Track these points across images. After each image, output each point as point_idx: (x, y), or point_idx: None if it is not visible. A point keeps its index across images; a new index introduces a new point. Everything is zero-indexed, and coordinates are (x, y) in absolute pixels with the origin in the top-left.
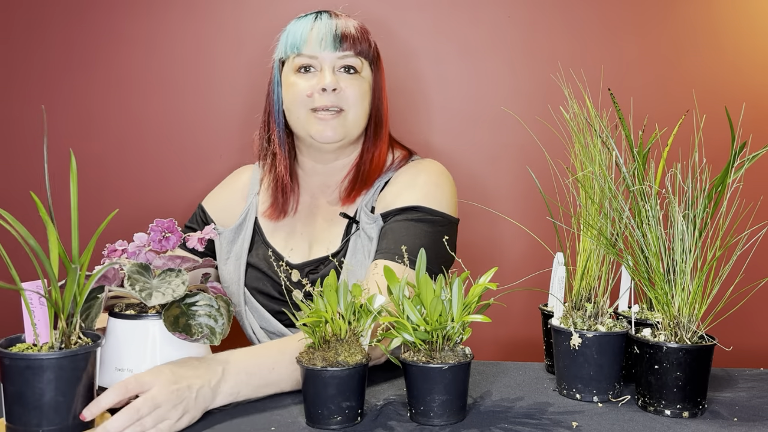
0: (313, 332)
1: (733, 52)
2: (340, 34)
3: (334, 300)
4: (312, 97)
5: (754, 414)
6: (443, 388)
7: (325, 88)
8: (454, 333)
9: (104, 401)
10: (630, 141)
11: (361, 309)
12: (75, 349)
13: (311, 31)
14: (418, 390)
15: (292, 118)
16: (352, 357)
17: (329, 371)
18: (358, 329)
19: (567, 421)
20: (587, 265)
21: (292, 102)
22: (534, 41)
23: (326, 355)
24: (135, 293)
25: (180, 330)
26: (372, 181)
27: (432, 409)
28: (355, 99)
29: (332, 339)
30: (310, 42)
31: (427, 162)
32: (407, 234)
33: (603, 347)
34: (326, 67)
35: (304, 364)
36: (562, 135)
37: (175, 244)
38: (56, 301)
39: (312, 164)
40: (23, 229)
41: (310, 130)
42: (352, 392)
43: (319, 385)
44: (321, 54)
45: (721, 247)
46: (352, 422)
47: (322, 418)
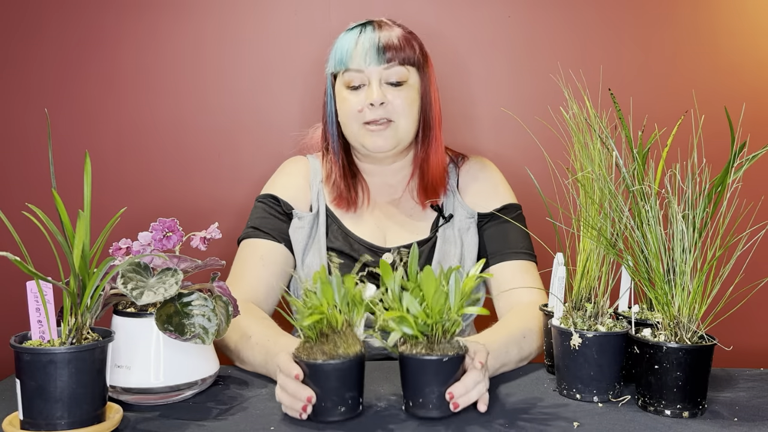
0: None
1: (732, 53)
2: (383, 47)
3: (329, 293)
4: (362, 112)
5: (754, 414)
6: (442, 380)
7: (372, 103)
8: (451, 325)
9: (470, 381)
10: (630, 141)
11: (354, 300)
12: (94, 343)
13: (356, 46)
14: (416, 382)
15: (347, 132)
16: (351, 348)
17: (331, 364)
18: (353, 320)
19: (567, 421)
20: (587, 265)
21: (345, 116)
22: (534, 41)
23: (325, 348)
24: (126, 291)
25: (172, 329)
26: (439, 181)
27: (431, 401)
28: (403, 109)
29: (329, 332)
30: (356, 57)
31: (482, 158)
32: (517, 232)
33: (603, 347)
34: (373, 80)
35: (304, 359)
36: (561, 135)
37: (176, 243)
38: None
39: (371, 167)
40: (52, 225)
41: (363, 143)
42: (354, 383)
43: (322, 378)
44: (366, 69)
45: (721, 247)
46: (354, 412)
47: (326, 411)
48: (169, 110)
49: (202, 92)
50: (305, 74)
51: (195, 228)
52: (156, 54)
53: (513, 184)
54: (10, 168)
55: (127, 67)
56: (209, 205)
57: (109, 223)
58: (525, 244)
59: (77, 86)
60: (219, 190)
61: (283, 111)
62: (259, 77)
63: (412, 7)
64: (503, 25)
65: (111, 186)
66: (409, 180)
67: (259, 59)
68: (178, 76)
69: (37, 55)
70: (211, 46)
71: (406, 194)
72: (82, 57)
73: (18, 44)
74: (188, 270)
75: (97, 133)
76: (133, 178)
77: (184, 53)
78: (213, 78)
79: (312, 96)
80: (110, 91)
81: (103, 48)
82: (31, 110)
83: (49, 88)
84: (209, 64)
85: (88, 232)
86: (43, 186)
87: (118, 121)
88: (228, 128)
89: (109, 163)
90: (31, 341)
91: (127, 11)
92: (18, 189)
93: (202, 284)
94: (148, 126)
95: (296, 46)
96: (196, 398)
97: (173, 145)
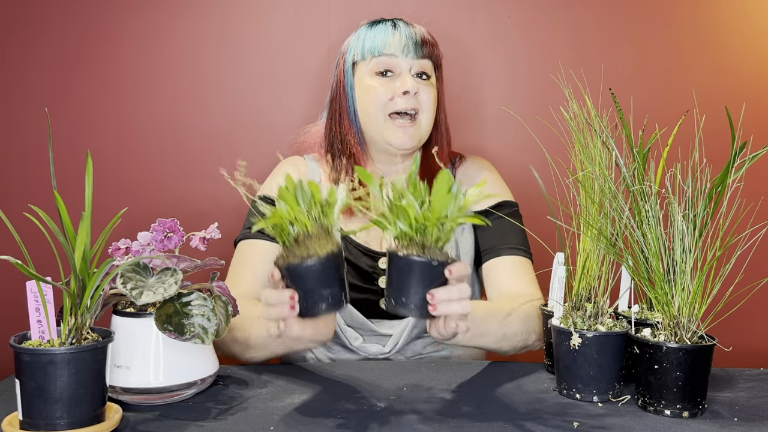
0: (280, 234)
1: (733, 52)
2: (420, 41)
3: (292, 201)
4: (393, 101)
5: (754, 414)
6: (428, 283)
7: (407, 90)
8: (444, 234)
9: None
10: (630, 141)
11: (325, 203)
12: (94, 343)
13: (393, 36)
14: (402, 281)
15: (370, 122)
16: (323, 248)
17: (303, 265)
18: (326, 223)
19: (567, 421)
20: (587, 265)
21: (370, 105)
22: (534, 41)
23: (298, 251)
24: (126, 291)
25: (171, 329)
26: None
27: (414, 302)
28: (429, 104)
29: (301, 237)
30: (393, 45)
31: (479, 158)
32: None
33: (603, 347)
34: (405, 70)
35: (280, 264)
36: (562, 135)
37: (177, 243)
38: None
39: (374, 164)
40: (53, 226)
41: (387, 137)
42: (331, 280)
43: (297, 279)
44: (403, 59)
45: (721, 247)
46: (337, 307)
47: (309, 309)
48: (169, 110)
49: (202, 92)
50: (305, 74)
51: (194, 228)
52: (156, 54)
53: (513, 183)
54: (11, 168)
55: (127, 67)
56: (208, 206)
57: (109, 224)
58: (519, 240)
59: (77, 86)
60: (218, 190)
61: (283, 111)
62: (258, 77)
63: (412, 8)
64: (503, 25)
65: (111, 186)
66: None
67: (259, 59)
68: (177, 76)
69: (36, 55)
70: (211, 46)
71: None
72: (81, 57)
73: (17, 43)
74: (187, 270)
75: (97, 133)
76: (133, 179)
77: (184, 53)
78: (213, 78)
79: (312, 96)
80: (110, 91)
81: (103, 47)
82: (31, 110)
83: (49, 88)
84: (209, 64)
85: (89, 232)
86: (43, 186)
87: (118, 121)
88: (228, 128)
89: (109, 163)
90: (31, 341)
91: (126, 11)
92: (18, 189)
93: (202, 284)
94: (148, 126)
95: (296, 46)
96: (195, 398)
97: (173, 146)
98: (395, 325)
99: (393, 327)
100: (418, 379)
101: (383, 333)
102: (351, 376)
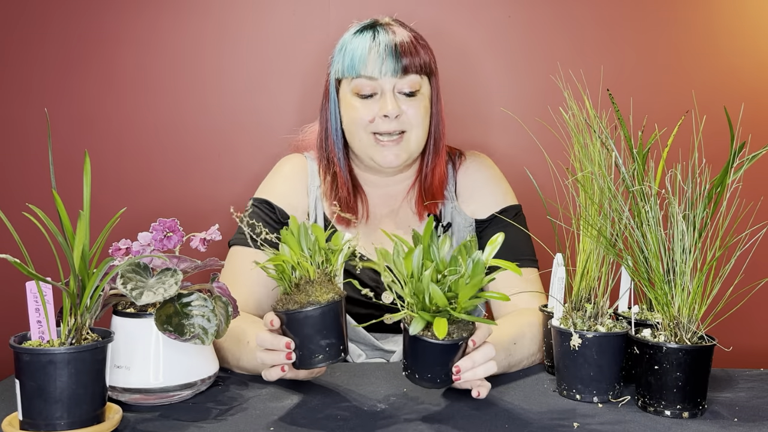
0: (281, 278)
1: (732, 53)
2: (399, 53)
3: (295, 245)
4: (374, 122)
5: (754, 414)
6: (453, 358)
7: (387, 114)
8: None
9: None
10: (629, 142)
11: (328, 250)
12: (94, 343)
13: (369, 53)
14: (427, 362)
15: (354, 140)
16: (324, 295)
17: (302, 312)
18: (329, 269)
19: (567, 421)
20: (587, 265)
21: (352, 125)
22: (534, 42)
23: (298, 297)
24: (126, 292)
25: (171, 329)
26: (438, 192)
27: (439, 376)
28: (418, 120)
29: (302, 283)
30: (370, 64)
31: (478, 157)
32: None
33: (603, 348)
34: (387, 91)
35: (279, 310)
36: (561, 136)
37: (177, 243)
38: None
39: (373, 178)
40: (52, 225)
41: (372, 156)
42: (330, 330)
43: (295, 326)
44: (381, 78)
45: (720, 247)
46: (335, 358)
47: (304, 359)
48: (169, 110)
49: (202, 92)
50: (304, 75)
51: (194, 228)
52: (156, 54)
53: (513, 183)
54: (10, 168)
55: (127, 67)
56: (208, 206)
57: (108, 224)
58: (524, 248)
59: (77, 86)
60: (218, 190)
61: (283, 112)
62: (258, 77)
63: (411, 8)
64: (503, 25)
65: (111, 186)
66: (410, 189)
67: (258, 59)
68: (177, 76)
69: (36, 55)
70: (210, 46)
71: (404, 205)
72: (81, 57)
73: (17, 43)
74: (188, 270)
75: (97, 133)
76: (133, 178)
77: (183, 53)
78: (212, 78)
79: (311, 97)
80: (110, 91)
81: (104, 48)
82: (31, 110)
83: (49, 88)
84: (209, 64)
85: (88, 232)
86: (43, 186)
87: (118, 121)
88: (227, 128)
89: (109, 163)
90: (31, 341)
91: (127, 11)
92: (18, 189)
93: (202, 285)
94: (148, 126)
95: (295, 46)
96: (195, 399)
97: (173, 146)
98: (399, 340)
99: (397, 343)
100: None
101: (387, 349)
102: (351, 377)
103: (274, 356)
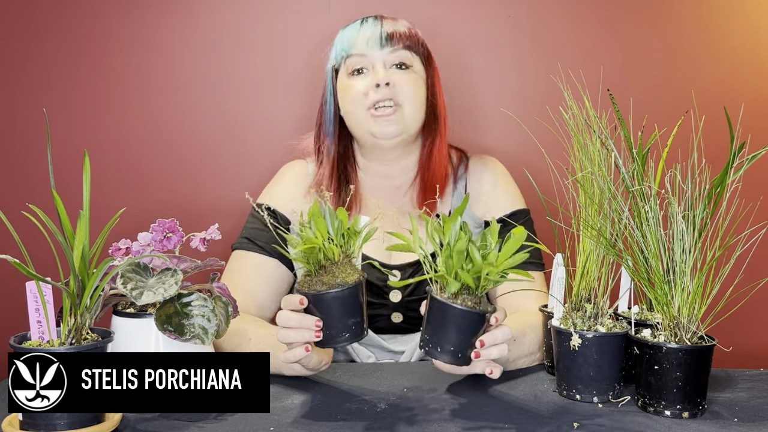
0: (308, 261)
1: (732, 53)
2: (386, 32)
3: (323, 227)
4: (368, 95)
5: (754, 414)
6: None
7: (378, 83)
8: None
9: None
10: (629, 142)
11: (349, 231)
12: (94, 343)
13: (358, 34)
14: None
15: (352, 121)
16: (350, 276)
17: (331, 293)
18: (349, 251)
19: (567, 421)
20: (587, 265)
21: (349, 103)
22: (534, 41)
23: (325, 279)
24: (126, 291)
25: (171, 329)
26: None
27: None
28: (410, 92)
29: (327, 264)
30: (358, 43)
31: (491, 161)
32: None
33: (603, 348)
34: (377, 64)
35: (307, 290)
36: (561, 136)
37: (176, 244)
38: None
39: (375, 167)
40: (52, 225)
41: (370, 129)
42: (356, 309)
43: (324, 307)
44: (370, 52)
45: (720, 247)
46: (359, 336)
47: (331, 338)
48: (169, 110)
49: (203, 92)
50: (305, 76)
51: (194, 229)
52: (157, 54)
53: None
54: (10, 168)
55: (128, 67)
56: (208, 206)
57: (108, 224)
58: (532, 253)
59: (77, 86)
60: (218, 190)
61: (283, 112)
62: (259, 78)
63: (411, 7)
64: (503, 24)
65: (111, 186)
66: (412, 182)
67: (260, 61)
68: (178, 76)
69: (36, 55)
70: (212, 47)
71: (407, 202)
72: (82, 56)
73: (17, 43)
74: (188, 270)
75: (97, 133)
76: (133, 178)
77: (185, 53)
78: (213, 78)
79: (312, 98)
80: (110, 90)
81: (104, 47)
82: (31, 110)
83: (49, 88)
84: (209, 64)
85: (88, 232)
86: (43, 186)
87: (119, 121)
88: (228, 129)
89: (109, 163)
90: (31, 341)
91: (129, 11)
92: (18, 189)
93: (202, 285)
94: (149, 126)
95: (297, 47)
96: None
97: (173, 146)
98: (407, 341)
99: (405, 343)
100: (418, 380)
101: (396, 350)
102: (352, 377)
103: (300, 334)
